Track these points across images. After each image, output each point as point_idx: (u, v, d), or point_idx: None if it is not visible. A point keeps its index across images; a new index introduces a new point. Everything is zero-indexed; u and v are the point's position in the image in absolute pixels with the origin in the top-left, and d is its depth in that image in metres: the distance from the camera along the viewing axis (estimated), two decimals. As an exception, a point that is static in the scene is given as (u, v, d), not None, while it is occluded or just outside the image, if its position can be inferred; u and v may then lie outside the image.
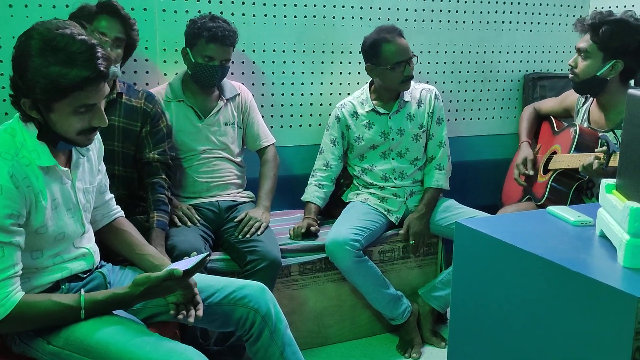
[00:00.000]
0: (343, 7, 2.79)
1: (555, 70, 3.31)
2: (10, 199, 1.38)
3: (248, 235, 2.24)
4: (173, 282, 1.50)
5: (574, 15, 3.24)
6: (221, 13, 2.48)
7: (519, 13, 3.18)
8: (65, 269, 1.57)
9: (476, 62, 3.14)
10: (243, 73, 2.68)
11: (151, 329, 1.64)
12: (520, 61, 3.24)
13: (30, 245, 1.47)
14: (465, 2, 3.04)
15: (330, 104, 2.84)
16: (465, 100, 3.17)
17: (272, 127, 2.77)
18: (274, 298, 1.75)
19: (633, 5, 3.05)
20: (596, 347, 1.05)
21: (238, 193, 2.50)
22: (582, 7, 3.29)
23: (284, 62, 2.74)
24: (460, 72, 3.12)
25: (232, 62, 2.53)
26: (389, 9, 2.88)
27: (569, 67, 2.30)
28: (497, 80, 3.22)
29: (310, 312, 2.46)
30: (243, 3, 2.61)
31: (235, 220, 2.31)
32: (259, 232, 2.26)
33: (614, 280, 1.04)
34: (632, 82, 2.54)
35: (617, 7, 3.12)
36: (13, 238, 1.39)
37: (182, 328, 1.97)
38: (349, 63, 2.87)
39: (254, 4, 2.63)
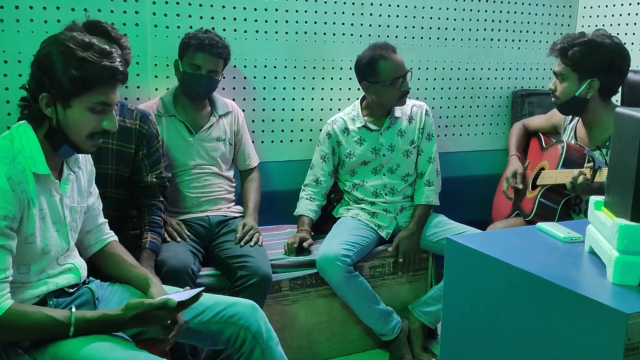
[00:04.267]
0: (334, 23, 2.82)
1: (543, 87, 3.35)
2: (7, 201, 1.38)
3: (251, 244, 2.25)
4: (165, 313, 1.49)
5: (561, 33, 3.29)
6: (213, 28, 2.50)
7: (507, 30, 3.22)
8: (51, 283, 1.56)
9: (465, 79, 3.18)
10: (234, 88, 2.69)
11: (140, 346, 1.62)
12: (509, 78, 3.28)
13: (19, 258, 1.46)
14: (455, 19, 3.08)
15: (320, 120, 2.85)
16: (454, 117, 3.20)
17: (262, 142, 2.77)
18: (264, 315, 1.74)
19: (619, 24, 3.11)
20: (587, 364, 1.05)
21: (229, 208, 2.49)
22: (569, 25, 3.34)
23: (275, 77, 2.76)
24: (449, 88, 3.15)
25: (224, 77, 2.54)
26: (379, 25, 2.91)
27: (550, 91, 2.33)
28: (486, 97, 3.26)
29: (301, 328, 2.45)
30: (235, 19, 2.62)
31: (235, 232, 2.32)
32: (259, 243, 2.28)
33: (603, 297, 1.05)
34: (618, 100, 2.59)
35: (603, 25, 3.17)
36: (6, 242, 1.39)
37: (171, 345, 1.95)
38: (340, 79, 2.88)
39: (245, 20, 2.64)
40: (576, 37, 2.22)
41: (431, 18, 3.02)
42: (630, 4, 3.07)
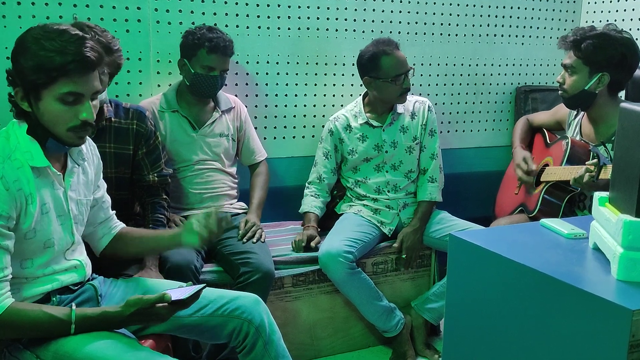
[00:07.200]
0: (337, 19, 2.81)
1: (547, 82, 3.34)
2: (1, 200, 1.38)
3: (253, 240, 2.25)
4: (165, 310, 1.48)
5: (564, 29, 3.28)
6: (215, 24, 2.49)
7: (511, 26, 3.21)
8: (55, 280, 1.55)
9: (469, 75, 3.17)
10: (237, 84, 2.68)
11: (143, 341, 1.63)
12: (513, 74, 3.27)
13: (20, 253, 1.46)
14: (458, 15, 3.07)
15: (323, 116, 2.85)
16: (457, 113, 3.19)
17: (265, 138, 2.77)
18: (267, 309, 1.74)
19: (623, 20, 3.09)
20: (591, 361, 1.05)
21: (231, 204, 2.49)
22: (572, 20, 3.33)
23: (278, 73, 2.75)
24: (452, 84, 3.14)
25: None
26: (383, 21, 2.90)
27: (557, 84, 2.32)
28: (489, 93, 3.24)
29: (303, 324, 2.45)
30: (237, 15, 2.62)
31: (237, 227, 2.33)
32: (262, 240, 2.28)
33: (608, 293, 1.04)
34: (622, 95, 2.57)
35: (607, 20, 3.15)
36: (2, 241, 1.39)
37: (174, 341, 1.96)
38: (343, 75, 2.88)
39: (247, 15, 2.64)
40: (588, 30, 2.20)
41: (434, 14, 3.01)
42: (634, -1, 3.06)
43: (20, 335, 1.45)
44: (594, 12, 3.27)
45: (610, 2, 3.17)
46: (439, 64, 3.08)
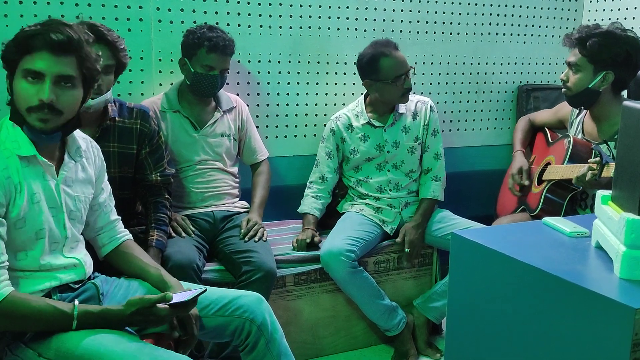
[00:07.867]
0: (338, 18, 2.81)
1: (548, 81, 3.33)
2: None
3: (255, 239, 2.25)
4: (165, 312, 1.48)
5: (567, 28, 3.27)
6: (217, 24, 2.49)
7: (512, 25, 3.20)
8: (54, 277, 1.55)
9: (470, 74, 3.16)
10: (238, 83, 2.68)
11: (145, 339, 1.63)
12: (514, 72, 3.26)
13: (12, 244, 1.46)
14: (460, 14, 3.06)
15: (325, 115, 2.84)
16: (459, 112, 3.19)
17: (266, 137, 2.77)
18: (269, 308, 1.74)
19: (625, 18, 3.09)
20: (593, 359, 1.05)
21: (233, 203, 2.49)
22: (574, 19, 3.32)
23: (279, 72, 2.75)
24: (454, 83, 3.14)
25: (228, 72, 2.54)
26: (384, 20, 2.90)
27: (561, 81, 2.32)
28: (491, 92, 3.24)
29: (305, 323, 2.45)
30: (239, 14, 2.62)
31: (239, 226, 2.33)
32: (263, 239, 2.28)
33: (610, 292, 1.04)
34: (625, 94, 2.57)
35: (609, 19, 3.15)
36: None
37: (176, 339, 1.95)
38: (344, 74, 2.87)
39: (249, 14, 2.64)
40: (593, 28, 2.20)
41: (436, 12, 3.01)
42: (636, -2, 3.06)
43: (21, 327, 1.44)
44: (596, 10, 3.26)
45: (613, 0, 3.16)
46: (440, 63, 3.08)
